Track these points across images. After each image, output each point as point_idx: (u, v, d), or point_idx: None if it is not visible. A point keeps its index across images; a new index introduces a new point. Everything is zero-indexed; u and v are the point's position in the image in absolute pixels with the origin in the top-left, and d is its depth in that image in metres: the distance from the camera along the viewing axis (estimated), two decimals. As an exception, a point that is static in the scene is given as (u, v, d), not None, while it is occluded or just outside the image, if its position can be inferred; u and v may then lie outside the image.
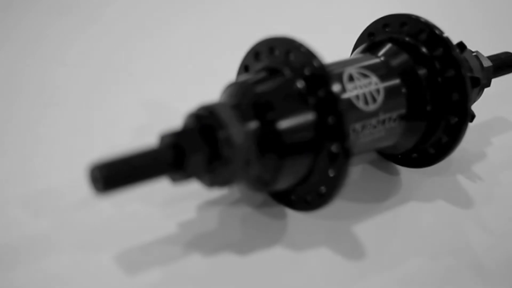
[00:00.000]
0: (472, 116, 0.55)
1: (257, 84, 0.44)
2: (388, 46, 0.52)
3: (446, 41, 0.50)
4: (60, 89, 0.63)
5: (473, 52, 0.59)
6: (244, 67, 0.50)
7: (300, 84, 0.44)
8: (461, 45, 0.54)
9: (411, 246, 0.50)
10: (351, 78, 0.48)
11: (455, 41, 0.59)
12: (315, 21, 0.83)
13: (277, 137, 0.43)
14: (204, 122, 0.42)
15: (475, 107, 0.65)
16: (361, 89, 0.48)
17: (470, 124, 0.66)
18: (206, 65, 0.66)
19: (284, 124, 0.43)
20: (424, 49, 0.51)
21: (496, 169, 0.62)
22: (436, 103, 0.51)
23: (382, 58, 0.51)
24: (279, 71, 0.45)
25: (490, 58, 0.62)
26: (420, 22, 0.52)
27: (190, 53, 0.71)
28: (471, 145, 0.65)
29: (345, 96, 0.47)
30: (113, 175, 0.38)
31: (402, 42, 0.52)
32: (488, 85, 0.60)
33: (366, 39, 0.57)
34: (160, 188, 0.47)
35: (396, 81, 0.50)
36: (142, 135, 0.56)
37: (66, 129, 0.57)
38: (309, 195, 0.47)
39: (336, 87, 0.42)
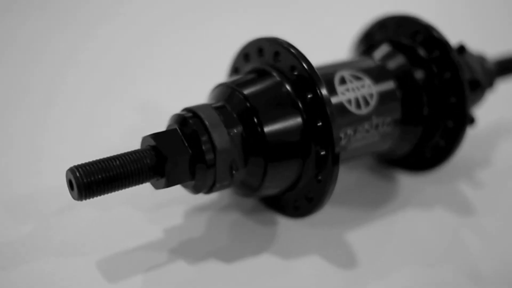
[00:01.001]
0: (471, 120, 0.53)
1: (244, 86, 0.43)
2: (384, 48, 0.51)
3: (443, 42, 0.48)
4: (49, 92, 0.63)
5: (476, 53, 0.58)
6: (234, 69, 0.49)
7: (288, 87, 0.43)
8: (461, 47, 0.52)
9: (405, 255, 0.48)
10: (343, 81, 0.46)
11: (458, 41, 0.58)
12: (313, 22, 0.82)
13: (263, 141, 0.41)
14: (187, 125, 0.41)
15: (480, 111, 0.63)
16: (354, 92, 0.46)
17: (476, 129, 0.65)
18: (202, 66, 0.64)
19: (270, 127, 0.42)
20: (421, 51, 0.50)
21: (501, 176, 0.60)
22: (433, 107, 0.49)
23: (377, 60, 0.50)
24: (268, 73, 0.44)
25: (497, 58, 0.61)
26: (417, 23, 0.50)
27: (185, 54, 0.70)
28: (476, 150, 0.63)
29: (335, 99, 0.45)
30: (89, 179, 0.37)
31: (399, 44, 0.51)
32: (491, 86, 0.58)
33: (363, 40, 0.55)
34: (148, 192, 0.46)
35: (391, 84, 0.48)
36: (136, 137, 0.55)
37: (57, 131, 0.57)
38: (299, 201, 0.45)
39: (325, 90, 0.41)
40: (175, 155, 0.40)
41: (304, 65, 0.41)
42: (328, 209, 0.51)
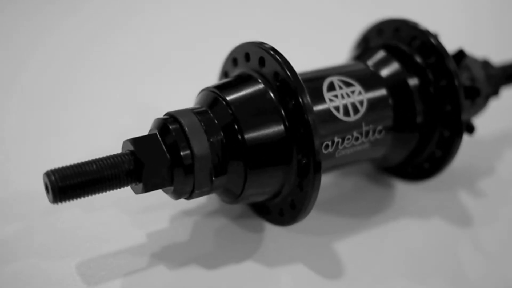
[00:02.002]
0: (471, 128, 0.51)
1: (227, 92, 0.42)
2: (379, 53, 0.49)
3: (439, 49, 0.47)
4: (39, 93, 0.63)
5: (480, 59, 0.56)
6: (224, 73, 0.48)
7: (271, 93, 0.42)
8: (460, 52, 0.50)
9: (395, 267, 0.47)
10: (331, 87, 0.45)
11: (463, 46, 0.56)
12: (313, 25, 0.80)
13: (243, 148, 0.41)
14: (167, 130, 0.40)
15: (485, 118, 0.61)
16: (343, 98, 0.45)
17: (480, 137, 0.63)
18: (197, 68, 0.64)
19: (251, 135, 0.41)
20: (417, 57, 0.48)
21: (503, 186, 0.58)
22: (428, 115, 0.48)
23: (370, 66, 0.49)
24: (253, 78, 0.43)
25: (503, 65, 0.59)
26: (414, 28, 0.49)
27: (180, 56, 0.69)
28: (479, 159, 0.61)
29: (322, 106, 0.44)
30: (64, 183, 0.37)
31: (394, 49, 0.49)
32: (495, 94, 0.56)
33: (361, 44, 0.54)
34: (135, 195, 0.46)
35: (383, 91, 0.47)
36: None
37: (46, 132, 0.57)
38: (283, 208, 0.44)
39: (307, 97, 0.40)
40: (153, 160, 0.39)
41: (287, 71, 0.40)
42: (318, 216, 0.50)
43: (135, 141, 0.40)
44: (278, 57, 0.41)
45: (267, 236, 0.48)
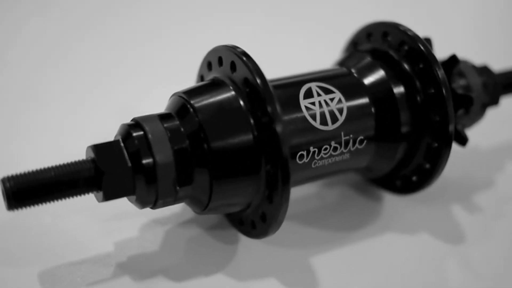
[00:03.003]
0: (463, 140, 0.48)
1: (196, 99, 0.40)
2: (364, 59, 0.47)
3: (427, 55, 0.44)
4: (25, 95, 0.61)
5: (478, 65, 0.53)
6: (200, 77, 0.46)
7: (241, 101, 0.40)
8: (452, 58, 0.47)
9: (377, 285, 0.44)
10: (309, 94, 0.43)
11: (473, 52, 0.53)
12: (302, 27, 0.77)
13: (209, 157, 0.39)
14: (130, 137, 0.39)
15: (485, 128, 0.58)
16: (320, 106, 0.43)
17: (479, 147, 0.60)
18: (183, 70, 0.62)
19: (217, 144, 0.39)
20: (405, 64, 0.46)
21: (500, 201, 0.54)
22: (415, 125, 0.45)
23: (354, 73, 0.46)
24: (224, 84, 0.41)
25: (504, 73, 0.55)
26: (402, 33, 0.46)
27: (166, 58, 0.67)
28: (477, 170, 0.58)
29: (296, 114, 0.42)
30: (18, 190, 0.36)
31: (382, 55, 0.47)
32: (495, 103, 0.53)
33: (349, 48, 0.52)
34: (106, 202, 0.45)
35: (365, 99, 0.44)
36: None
37: (32, 134, 0.55)
38: (255, 220, 0.42)
39: (275, 106, 0.37)
40: (113, 168, 0.38)
41: (256, 77, 0.38)
42: (297, 228, 0.48)
43: (97, 147, 0.38)
44: (248, 62, 0.39)
45: (241, 248, 0.46)
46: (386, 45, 0.47)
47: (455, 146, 0.48)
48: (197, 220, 0.47)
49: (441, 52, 0.51)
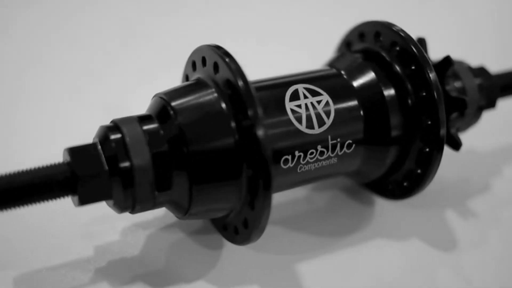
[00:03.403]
0: (456, 144, 0.46)
1: (177, 101, 0.39)
2: (355, 60, 0.45)
3: (418, 56, 0.42)
4: (11, 93, 0.59)
5: (474, 67, 0.51)
6: (186, 77, 0.45)
7: (223, 104, 0.38)
8: (446, 60, 0.46)
9: (364, 292, 0.43)
10: (295, 96, 0.41)
11: (461, 53, 0.52)
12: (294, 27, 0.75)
13: (188, 161, 0.37)
14: (107, 140, 0.37)
15: (483, 131, 0.56)
16: (307, 109, 0.41)
17: (477, 151, 0.58)
18: (172, 68, 0.61)
19: (197, 147, 0.37)
20: (396, 65, 0.44)
21: (498, 206, 0.53)
22: (405, 129, 0.44)
23: (344, 74, 0.45)
24: (207, 86, 0.40)
25: (502, 74, 0.54)
26: (394, 33, 0.44)
27: (155, 56, 0.66)
28: (474, 175, 0.56)
29: (281, 117, 0.40)
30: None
31: (373, 56, 0.45)
32: (491, 106, 0.51)
33: (342, 49, 0.50)
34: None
35: (353, 102, 0.43)
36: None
37: (20, 133, 0.54)
38: (238, 226, 0.41)
39: (256, 109, 0.36)
40: (89, 172, 0.36)
41: (237, 79, 0.37)
42: (284, 233, 0.47)
43: (72, 150, 0.37)
44: (230, 63, 0.37)
45: (225, 254, 0.44)
46: (378, 46, 0.45)
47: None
48: (180, 224, 0.46)
49: (439, 53, 0.50)
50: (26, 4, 0.69)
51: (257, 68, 0.53)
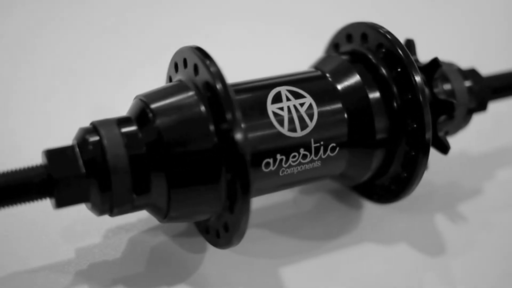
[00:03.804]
0: (444, 147, 0.46)
1: (156, 103, 0.38)
2: (339, 62, 0.44)
3: (403, 58, 0.42)
4: None
5: (465, 69, 0.50)
6: (169, 78, 0.44)
7: (202, 106, 0.38)
8: (434, 62, 0.45)
9: (348, 298, 0.43)
10: (278, 98, 0.41)
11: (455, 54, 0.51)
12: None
13: (167, 164, 0.37)
14: (86, 142, 0.37)
15: (472, 134, 0.55)
16: (289, 112, 0.41)
17: (469, 154, 0.57)
18: (158, 69, 0.60)
19: (176, 150, 0.37)
20: (382, 68, 0.43)
21: (488, 210, 0.52)
22: (391, 132, 0.43)
23: (328, 76, 0.44)
24: (187, 88, 0.39)
25: (494, 76, 0.53)
26: (380, 35, 0.43)
27: (140, 57, 0.65)
28: (465, 179, 0.55)
29: (262, 119, 0.40)
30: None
31: (359, 58, 0.45)
32: (482, 109, 0.50)
33: (330, 50, 0.49)
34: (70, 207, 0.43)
35: (337, 104, 0.42)
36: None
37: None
38: (219, 230, 0.40)
39: (235, 113, 0.35)
40: (66, 174, 0.36)
41: (215, 81, 0.36)
42: (269, 236, 0.46)
43: (49, 153, 0.37)
44: (209, 65, 0.37)
45: (207, 258, 0.44)
46: (365, 48, 0.45)
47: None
48: (164, 227, 0.45)
49: (434, 55, 0.49)
50: (9, 6, 0.68)
51: (246, 69, 0.53)
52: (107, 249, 0.43)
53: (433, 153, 0.45)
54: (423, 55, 0.49)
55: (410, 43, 0.47)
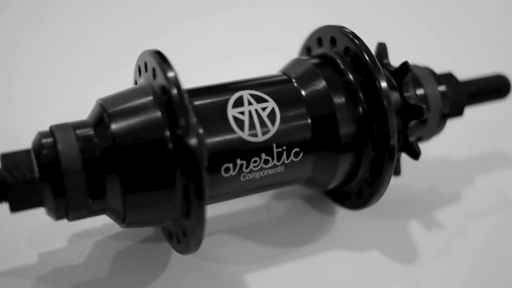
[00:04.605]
0: (414, 153, 0.45)
1: (114, 107, 0.38)
2: (306, 66, 0.44)
3: (367, 63, 0.41)
4: None
5: (440, 73, 0.49)
6: (135, 82, 0.44)
7: (159, 111, 0.37)
8: (403, 67, 0.44)
9: (311, 307, 0.42)
10: (239, 103, 0.40)
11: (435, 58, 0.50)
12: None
13: (121, 169, 0.37)
14: (41, 146, 0.37)
15: (449, 141, 0.54)
16: (250, 116, 0.40)
17: (446, 161, 0.56)
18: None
19: (131, 155, 0.36)
20: (348, 72, 0.43)
21: (464, 217, 0.51)
22: (356, 137, 0.42)
23: (294, 81, 0.43)
24: (146, 92, 0.39)
25: (470, 81, 0.52)
26: (347, 38, 0.43)
27: (123, 59, 0.65)
28: (442, 185, 0.54)
29: (222, 124, 0.39)
30: None
31: (327, 62, 0.44)
32: (458, 114, 0.49)
33: (303, 54, 0.49)
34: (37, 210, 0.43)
35: (301, 109, 0.42)
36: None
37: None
38: (179, 236, 0.40)
39: (189, 118, 0.35)
40: (19, 178, 0.36)
41: (171, 87, 0.36)
42: (235, 243, 0.46)
43: (4, 156, 0.37)
44: (165, 69, 0.37)
45: (172, 264, 0.43)
46: (334, 52, 0.44)
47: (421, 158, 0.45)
48: (130, 232, 0.45)
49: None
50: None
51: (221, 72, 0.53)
52: (71, 253, 0.43)
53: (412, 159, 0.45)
54: (412, 60, 0.48)
55: (381, 47, 0.46)
